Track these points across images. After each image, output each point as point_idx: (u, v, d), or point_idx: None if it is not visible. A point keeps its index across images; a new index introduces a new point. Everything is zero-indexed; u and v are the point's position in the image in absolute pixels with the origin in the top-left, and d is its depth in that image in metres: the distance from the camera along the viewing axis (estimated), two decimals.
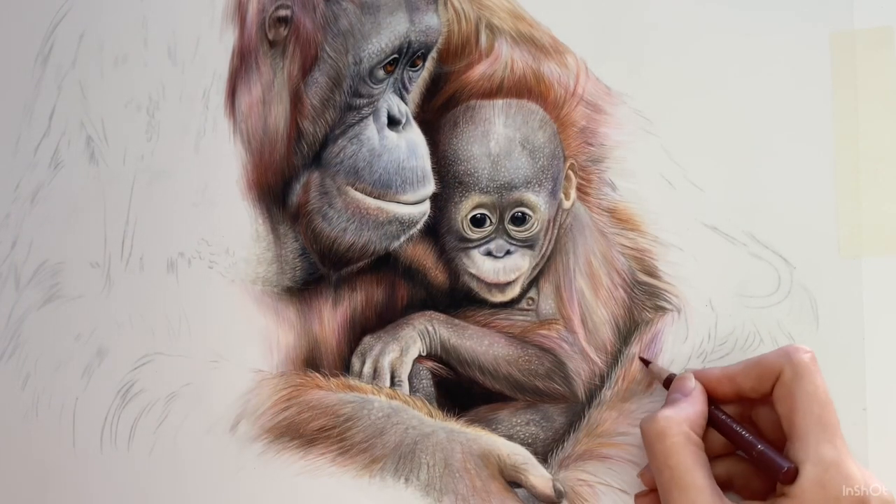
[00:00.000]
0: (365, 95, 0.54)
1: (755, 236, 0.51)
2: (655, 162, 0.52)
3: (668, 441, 0.44)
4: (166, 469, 0.56)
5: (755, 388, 0.46)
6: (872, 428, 0.49)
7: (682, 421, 0.44)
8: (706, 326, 0.51)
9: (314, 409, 0.54)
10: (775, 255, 0.51)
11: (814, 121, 0.51)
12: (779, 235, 0.50)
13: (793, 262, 0.50)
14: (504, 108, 0.54)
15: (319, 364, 0.55)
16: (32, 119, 0.59)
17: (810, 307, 0.50)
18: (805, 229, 0.46)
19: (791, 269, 0.50)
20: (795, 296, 0.50)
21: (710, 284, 0.51)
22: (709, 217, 0.52)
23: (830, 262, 0.49)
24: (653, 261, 0.52)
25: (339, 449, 0.53)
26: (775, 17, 0.52)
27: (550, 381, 0.53)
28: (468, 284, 0.55)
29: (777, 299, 0.51)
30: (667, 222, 0.52)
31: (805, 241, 0.50)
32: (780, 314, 0.50)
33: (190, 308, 0.56)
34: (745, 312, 0.51)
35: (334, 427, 0.53)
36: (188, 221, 0.57)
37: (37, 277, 0.58)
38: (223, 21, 0.57)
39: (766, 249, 0.51)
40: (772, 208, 0.51)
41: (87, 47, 0.59)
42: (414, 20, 0.54)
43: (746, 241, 0.51)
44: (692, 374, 0.47)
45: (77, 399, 0.57)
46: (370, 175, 0.54)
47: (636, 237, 0.53)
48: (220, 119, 0.56)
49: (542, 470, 0.51)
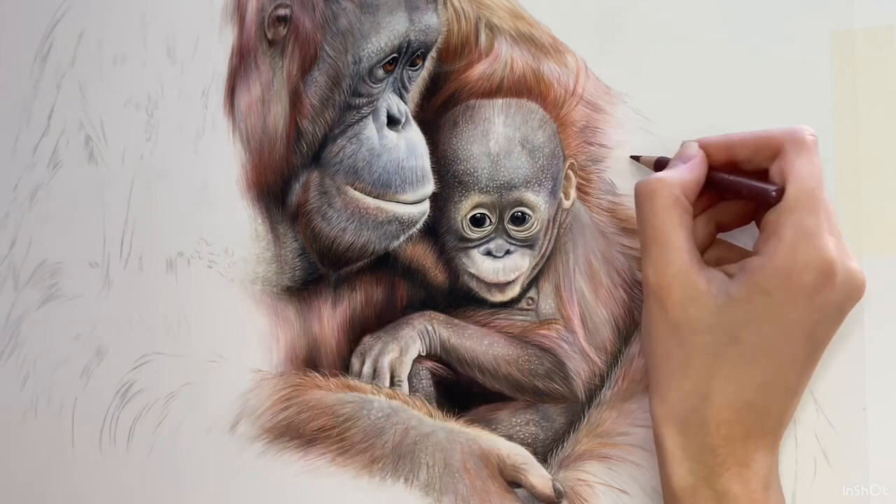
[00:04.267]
0: (364, 95, 0.54)
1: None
2: None
3: (657, 201, 0.45)
4: (165, 469, 0.56)
5: (750, 160, 0.46)
6: (872, 428, 0.49)
7: (675, 185, 0.45)
8: None
9: (314, 408, 0.54)
10: None
11: (814, 121, 0.50)
12: None
13: None
14: (504, 108, 0.54)
15: (319, 364, 0.55)
16: (31, 118, 0.59)
17: None
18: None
19: None
20: None
21: None
22: None
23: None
24: None
25: (339, 449, 0.53)
26: (775, 17, 0.52)
27: (550, 380, 0.53)
28: (468, 284, 0.55)
29: None
30: None
31: None
32: None
33: (189, 308, 0.56)
34: None
35: (334, 427, 0.53)
36: (187, 221, 0.57)
37: (35, 277, 0.58)
38: (222, 20, 0.56)
39: None
40: None
41: (86, 46, 0.59)
42: (413, 19, 0.54)
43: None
44: (696, 142, 0.48)
45: (76, 399, 0.57)
46: (369, 174, 0.54)
47: (636, 237, 0.53)
48: (219, 118, 0.56)
49: (542, 470, 0.51)
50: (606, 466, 0.51)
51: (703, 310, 0.43)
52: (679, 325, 0.44)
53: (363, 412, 0.53)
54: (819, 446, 0.49)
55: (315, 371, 0.55)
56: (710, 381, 0.43)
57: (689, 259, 0.44)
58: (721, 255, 0.48)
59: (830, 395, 0.49)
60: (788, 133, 0.45)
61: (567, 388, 0.53)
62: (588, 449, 0.52)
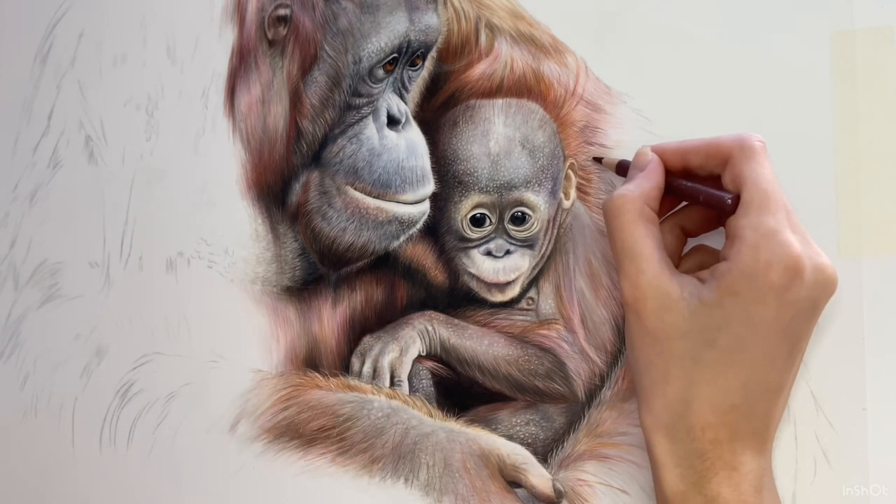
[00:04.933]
0: (364, 95, 0.54)
1: None
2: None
3: (623, 217, 0.46)
4: (165, 469, 0.56)
5: (703, 167, 0.47)
6: (872, 428, 0.49)
7: (637, 198, 0.46)
8: None
9: (314, 409, 0.54)
10: None
11: (814, 120, 0.51)
12: None
13: None
14: (504, 108, 0.54)
15: (319, 364, 0.55)
16: (31, 118, 0.59)
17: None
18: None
19: None
20: None
21: None
22: None
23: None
24: None
25: (339, 449, 0.53)
26: (775, 17, 0.52)
27: (550, 380, 0.53)
28: (468, 284, 0.55)
29: None
30: None
31: None
32: None
33: (189, 308, 0.56)
34: None
35: (334, 427, 0.53)
36: (187, 221, 0.57)
37: (35, 277, 0.58)
38: (222, 20, 0.56)
39: None
40: None
41: (86, 46, 0.59)
42: (413, 19, 0.54)
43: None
44: (649, 148, 0.48)
45: (76, 399, 0.57)
46: (370, 174, 0.54)
47: None
48: (219, 118, 0.56)
49: (542, 470, 0.51)
50: (606, 466, 0.51)
51: (678, 316, 0.44)
52: (657, 334, 0.44)
53: (363, 412, 0.53)
54: (819, 446, 0.49)
55: (315, 371, 0.55)
56: (692, 387, 0.44)
57: (659, 268, 0.45)
58: (703, 261, 0.48)
59: (830, 395, 0.49)
60: (736, 140, 0.45)
61: (567, 388, 0.53)
62: (588, 449, 0.52)
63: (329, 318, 0.55)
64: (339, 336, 0.55)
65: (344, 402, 0.53)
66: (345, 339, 0.55)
